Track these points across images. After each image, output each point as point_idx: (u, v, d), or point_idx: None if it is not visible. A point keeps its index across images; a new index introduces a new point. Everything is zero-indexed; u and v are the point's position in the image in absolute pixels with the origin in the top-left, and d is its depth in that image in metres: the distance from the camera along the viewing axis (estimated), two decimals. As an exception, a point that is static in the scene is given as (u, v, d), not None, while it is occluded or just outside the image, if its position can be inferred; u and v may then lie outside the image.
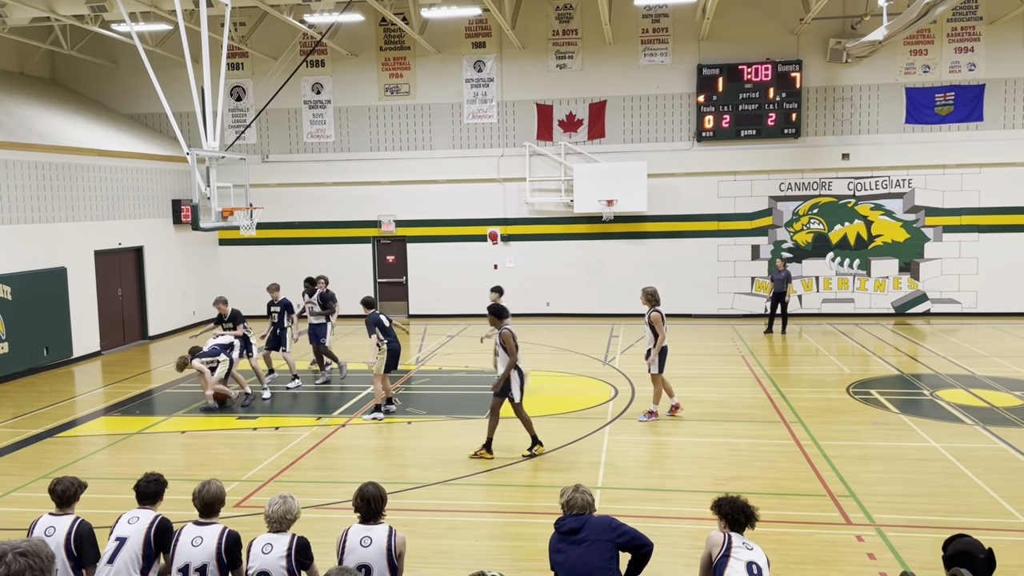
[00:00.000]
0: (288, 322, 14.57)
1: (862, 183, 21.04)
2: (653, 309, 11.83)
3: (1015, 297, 20.66)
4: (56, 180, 17.33)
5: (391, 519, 5.55)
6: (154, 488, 5.85)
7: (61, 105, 21.01)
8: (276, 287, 14.84)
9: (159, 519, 5.61)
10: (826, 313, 21.35)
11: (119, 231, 19.28)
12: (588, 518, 5.32)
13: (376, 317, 12.40)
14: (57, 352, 17.17)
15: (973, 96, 20.52)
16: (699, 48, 21.24)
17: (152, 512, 5.67)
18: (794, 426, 11.54)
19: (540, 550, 6.72)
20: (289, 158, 22.92)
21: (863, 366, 15.65)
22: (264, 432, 11.96)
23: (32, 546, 2.95)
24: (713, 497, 5.41)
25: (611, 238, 21.91)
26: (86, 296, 18.15)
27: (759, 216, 21.45)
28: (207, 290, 22.53)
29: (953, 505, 8.57)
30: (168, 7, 16.72)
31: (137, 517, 5.62)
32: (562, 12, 21.62)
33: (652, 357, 11.85)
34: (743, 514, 5.16)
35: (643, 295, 11.96)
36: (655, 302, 11.90)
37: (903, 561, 7.21)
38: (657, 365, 11.88)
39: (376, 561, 5.17)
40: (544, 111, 21.95)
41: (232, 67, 22.27)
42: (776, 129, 20.98)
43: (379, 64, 22.40)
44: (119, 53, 22.58)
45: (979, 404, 12.50)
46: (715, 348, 17.79)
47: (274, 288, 14.81)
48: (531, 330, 20.45)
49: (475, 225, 22.45)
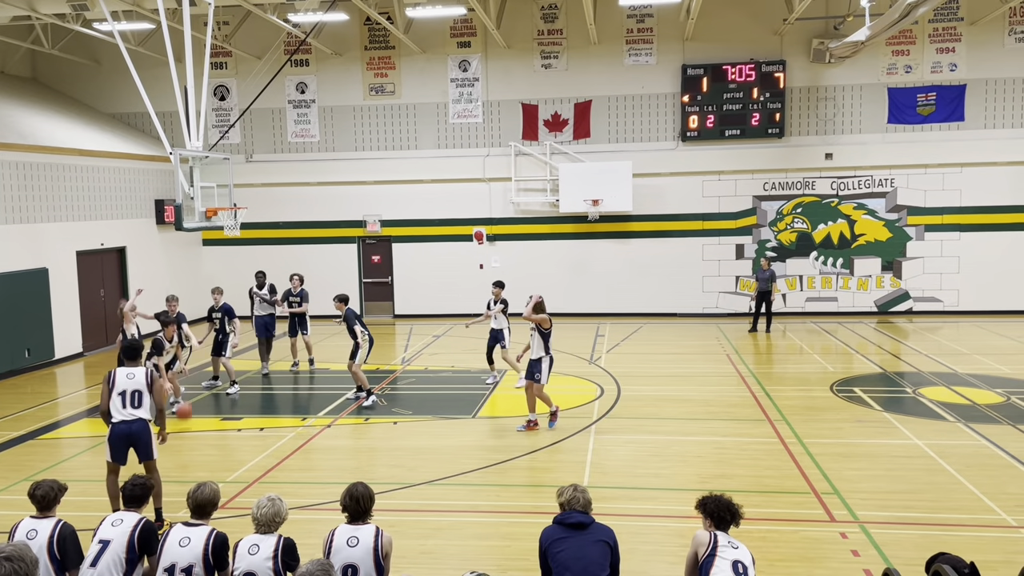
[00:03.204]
0: (230, 328, 14.37)
1: (845, 183, 21.18)
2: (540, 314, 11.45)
3: (996, 295, 20.87)
4: (38, 180, 17.18)
5: (377, 519, 5.54)
6: (140, 492, 5.86)
7: (42, 104, 20.82)
8: (219, 291, 14.66)
9: (143, 522, 5.59)
10: (810, 312, 21.49)
11: (101, 232, 19.13)
12: (593, 519, 5.35)
13: (352, 312, 13.08)
14: (39, 353, 17.02)
15: (954, 96, 20.70)
16: (683, 48, 21.32)
17: (136, 515, 5.65)
18: (778, 424, 11.61)
19: (527, 550, 6.74)
20: (273, 158, 22.83)
21: (847, 364, 15.77)
22: (249, 433, 11.92)
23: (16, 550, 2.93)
24: (698, 496, 5.43)
25: (596, 238, 21.96)
26: (68, 297, 18.00)
27: (743, 216, 21.56)
28: (191, 291, 22.41)
29: (936, 502, 8.65)
30: (150, 6, 16.61)
31: (121, 520, 5.59)
32: (547, 12, 21.65)
33: (532, 367, 11.58)
34: (728, 512, 5.18)
35: (535, 305, 11.53)
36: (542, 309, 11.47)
37: (886, 557, 7.27)
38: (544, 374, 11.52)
39: (363, 561, 5.17)
40: (529, 111, 21.96)
41: (216, 66, 22.15)
42: (760, 129, 21.09)
43: (364, 63, 22.34)
44: (101, 52, 22.41)
45: (961, 401, 12.62)
46: (700, 347, 17.87)
47: (217, 291, 14.62)
48: (516, 330, 20.44)
49: (461, 225, 22.44)
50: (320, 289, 18.61)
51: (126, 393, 8.20)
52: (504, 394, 13.95)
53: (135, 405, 8.20)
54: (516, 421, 12.19)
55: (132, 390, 8.22)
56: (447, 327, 20.89)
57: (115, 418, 8.16)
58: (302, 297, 15.85)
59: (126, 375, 8.29)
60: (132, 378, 8.27)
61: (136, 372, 8.34)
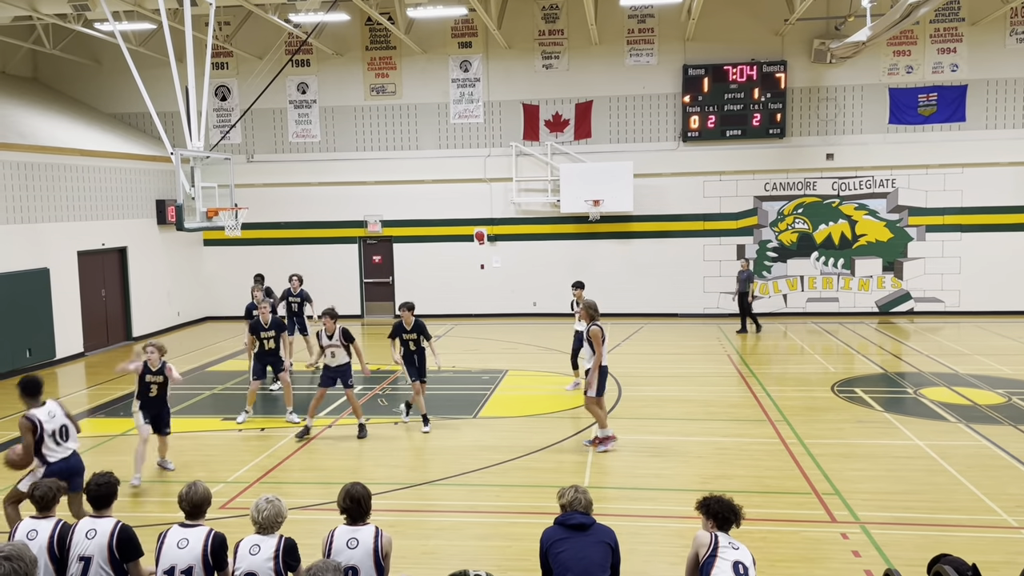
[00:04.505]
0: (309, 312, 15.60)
1: (846, 183, 21.17)
2: (593, 323, 10.59)
3: (997, 296, 20.86)
4: (39, 180, 17.19)
5: (378, 519, 5.54)
6: (106, 490, 5.51)
7: (43, 105, 20.83)
8: (299, 278, 15.91)
9: (119, 528, 5.33)
10: (811, 312, 21.47)
11: (102, 232, 19.14)
12: (595, 520, 5.34)
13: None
14: (40, 353, 17.03)
15: (956, 96, 20.69)
16: (684, 48, 21.31)
17: (109, 520, 5.38)
18: (779, 425, 11.60)
19: (528, 550, 6.73)
20: (274, 158, 22.83)
21: (847, 365, 15.76)
22: (249, 433, 11.91)
23: (16, 550, 2.93)
24: (699, 496, 5.42)
25: (597, 238, 21.95)
26: (69, 297, 18.01)
27: (744, 216, 21.55)
28: (192, 291, 22.45)
29: (937, 502, 8.64)
30: (152, 6, 16.62)
31: (94, 530, 5.30)
32: (548, 12, 21.64)
33: (590, 379, 10.56)
34: (731, 512, 5.17)
35: (583, 310, 10.78)
36: (595, 316, 10.66)
37: (887, 558, 7.26)
38: (595, 387, 10.55)
39: (363, 562, 5.15)
40: (530, 111, 21.96)
41: (216, 66, 22.15)
42: (761, 129, 21.09)
43: (365, 64, 22.34)
44: (102, 52, 22.42)
45: (962, 402, 12.61)
46: (701, 347, 17.86)
47: (297, 279, 15.91)
48: (517, 330, 20.48)
49: (461, 225, 22.44)
50: (321, 290, 18.63)
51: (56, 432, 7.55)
52: (504, 395, 13.94)
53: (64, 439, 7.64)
54: (515, 421, 12.20)
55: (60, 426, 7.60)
56: (448, 327, 20.89)
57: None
58: (303, 298, 15.79)
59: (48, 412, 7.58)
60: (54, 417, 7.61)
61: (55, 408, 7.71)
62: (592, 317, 10.63)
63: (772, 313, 21.47)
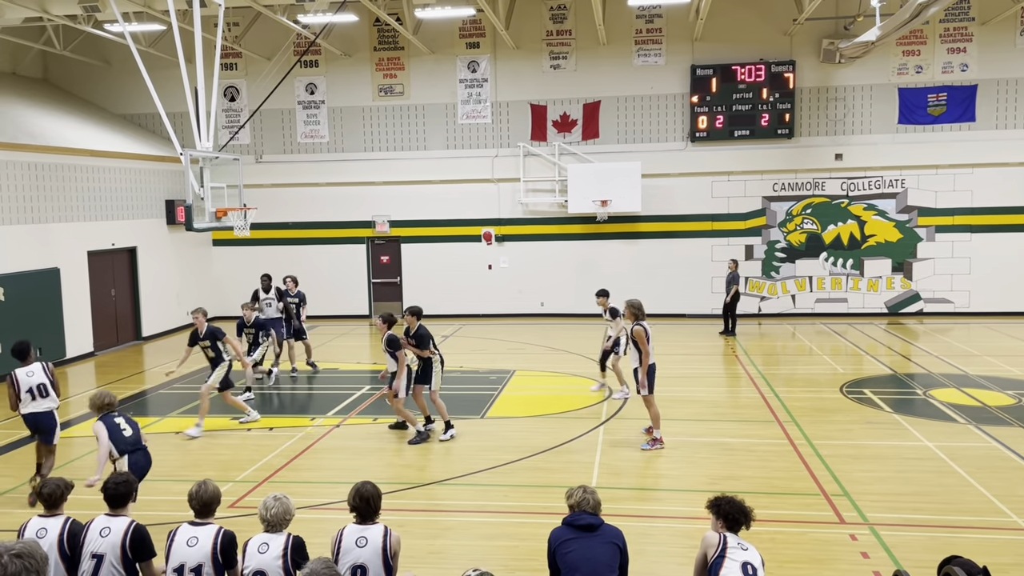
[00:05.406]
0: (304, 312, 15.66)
1: (855, 183, 21.10)
2: (637, 323, 10.54)
3: (1007, 297, 20.75)
4: (49, 181, 17.28)
5: (385, 519, 5.55)
6: (124, 489, 5.53)
7: (54, 105, 20.94)
8: (294, 280, 16.05)
9: (133, 527, 5.36)
10: (819, 313, 21.41)
11: (112, 232, 19.23)
12: (603, 521, 5.34)
13: (425, 329, 11.66)
14: (50, 353, 17.09)
15: (965, 96, 20.60)
16: (693, 48, 21.28)
17: (124, 519, 5.41)
18: (788, 425, 11.57)
19: (536, 550, 6.74)
20: (283, 158, 22.89)
21: (856, 365, 15.71)
22: (258, 433, 11.95)
23: (26, 547, 2.95)
24: (707, 496, 5.41)
25: (605, 238, 21.94)
26: (79, 297, 18.10)
27: (753, 216, 21.50)
28: (201, 291, 22.51)
29: (946, 504, 8.60)
30: (161, 7, 16.68)
31: (108, 528, 5.33)
32: (556, 12, 21.64)
33: (641, 378, 10.59)
34: (741, 514, 5.16)
35: (627, 309, 10.65)
36: (640, 316, 10.58)
37: (896, 560, 7.24)
38: (648, 385, 10.60)
39: (372, 561, 5.17)
40: (538, 111, 21.96)
41: (226, 67, 22.22)
42: (769, 129, 21.04)
43: (373, 64, 22.39)
44: (112, 53, 22.52)
45: (972, 403, 12.56)
46: (709, 348, 17.83)
47: (291, 280, 16.08)
48: (525, 330, 20.47)
49: (469, 225, 22.45)
50: (329, 290, 18.70)
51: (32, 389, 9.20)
52: (512, 395, 13.94)
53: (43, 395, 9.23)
54: (523, 422, 12.21)
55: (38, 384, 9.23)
56: (456, 327, 20.91)
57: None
58: (300, 299, 15.80)
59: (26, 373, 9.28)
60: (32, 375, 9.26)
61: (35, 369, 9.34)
62: (636, 316, 10.55)
63: (781, 314, 21.43)
